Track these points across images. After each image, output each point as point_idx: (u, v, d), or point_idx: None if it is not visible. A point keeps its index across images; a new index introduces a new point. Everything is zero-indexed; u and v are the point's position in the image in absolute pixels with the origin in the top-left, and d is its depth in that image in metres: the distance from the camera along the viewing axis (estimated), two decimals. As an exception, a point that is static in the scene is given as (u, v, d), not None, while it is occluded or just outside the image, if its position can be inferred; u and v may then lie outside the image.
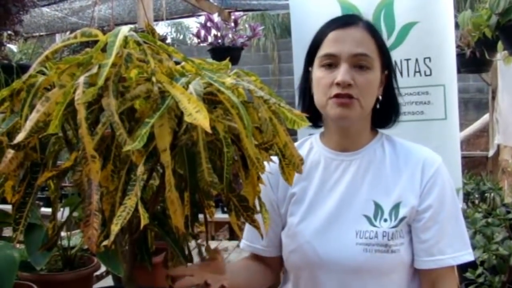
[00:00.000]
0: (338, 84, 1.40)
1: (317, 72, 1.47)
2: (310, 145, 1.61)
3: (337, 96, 1.41)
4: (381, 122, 1.57)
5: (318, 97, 1.48)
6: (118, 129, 0.77)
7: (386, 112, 1.55)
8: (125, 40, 0.88)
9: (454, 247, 1.46)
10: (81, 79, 0.80)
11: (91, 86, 0.79)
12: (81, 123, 0.78)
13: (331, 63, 1.44)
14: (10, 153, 0.90)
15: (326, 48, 1.46)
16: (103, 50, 0.86)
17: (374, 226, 1.44)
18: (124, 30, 0.86)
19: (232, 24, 3.39)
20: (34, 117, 0.83)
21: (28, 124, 0.83)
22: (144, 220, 0.79)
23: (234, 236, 4.18)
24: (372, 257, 1.42)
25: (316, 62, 1.49)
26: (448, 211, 1.47)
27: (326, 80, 1.43)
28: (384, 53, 1.49)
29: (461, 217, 1.51)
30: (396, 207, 1.46)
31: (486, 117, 6.41)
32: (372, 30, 1.48)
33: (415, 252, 1.47)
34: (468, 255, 1.48)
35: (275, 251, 1.62)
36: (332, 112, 1.44)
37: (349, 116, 1.43)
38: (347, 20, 1.49)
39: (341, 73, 1.40)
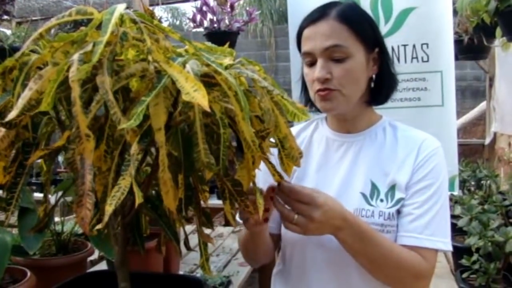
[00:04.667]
0: (316, 80, 1.45)
1: (304, 69, 1.53)
2: (316, 125, 1.67)
3: (319, 91, 1.46)
4: (379, 98, 1.57)
5: (309, 92, 1.53)
6: (113, 107, 0.75)
7: (382, 87, 1.56)
8: (121, 19, 0.86)
9: (432, 229, 1.42)
10: (75, 56, 0.78)
11: (85, 64, 0.77)
12: (75, 101, 0.76)
13: (311, 60, 1.48)
14: (1, 131, 0.88)
15: (303, 46, 1.50)
16: (98, 28, 0.83)
17: (371, 205, 1.46)
18: (120, 8, 0.84)
19: (229, 9, 3.36)
20: (26, 95, 0.81)
21: (20, 102, 0.81)
22: (139, 199, 0.78)
23: (229, 222, 4.18)
24: None
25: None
26: (435, 192, 1.45)
27: (310, 76, 1.49)
28: (365, 35, 1.48)
29: (447, 205, 1.48)
30: (392, 189, 1.47)
31: (483, 105, 6.41)
32: (344, 18, 1.46)
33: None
34: (443, 244, 1.43)
35: (273, 228, 1.63)
36: (319, 106, 1.50)
37: (333, 108, 1.48)
38: (317, 15, 1.49)
39: (317, 69, 1.44)
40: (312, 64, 1.48)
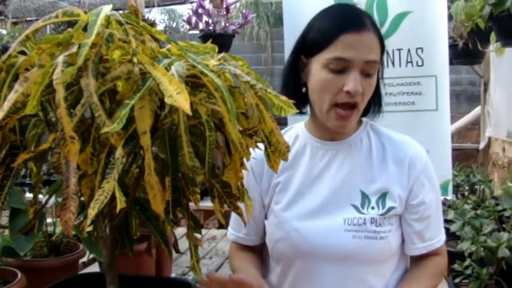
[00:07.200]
0: (348, 92, 1.37)
1: (322, 74, 1.41)
2: (296, 133, 1.61)
3: (344, 104, 1.40)
4: (366, 111, 1.56)
5: (321, 101, 1.43)
6: (97, 110, 0.75)
7: (372, 102, 1.55)
8: (107, 20, 0.85)
9: (439, 231, 1.55)
10: (60, 59, 0.77)
11: (70, 66, 0.77)
12: (60, 103, 0.75)
13: (342, 67, 1.38)
14: (-14, 134, 0.88)
15: (338, 51, 1.37)
16: (85, 29, 0.83)
17: (362, 213, 1.46)
18: (106, 9, 0.84)
19: (224, 12, 3.36)
20: (12, 97, 0.80)
21: (6, 105, 0.80)
22: (120, 204, 0.77)
23: (223, 225, 4.17)
24: (361, 244, 1.43)
25: (322, 61, 1.41)
26: (436, 202, 1.54)
27: (334, 84, 1.39)
28: (383, 51, 1.47)
29: (441, 203, 1.59)
30: (382, 196, 1.48)
31: (477, 109, 6.43)
32: (377, 30, 1.44)
33: (409, 240, 1.52)
34: (443, 234, 1.58)
35: (256, 240, 1.64)
36: (332, 124, 1.44)
37: (348, 127, 1.46)
38: (358, 23, 1.39)
39: (354, 82, 1.37)
40: (337, 71, 1.38)
